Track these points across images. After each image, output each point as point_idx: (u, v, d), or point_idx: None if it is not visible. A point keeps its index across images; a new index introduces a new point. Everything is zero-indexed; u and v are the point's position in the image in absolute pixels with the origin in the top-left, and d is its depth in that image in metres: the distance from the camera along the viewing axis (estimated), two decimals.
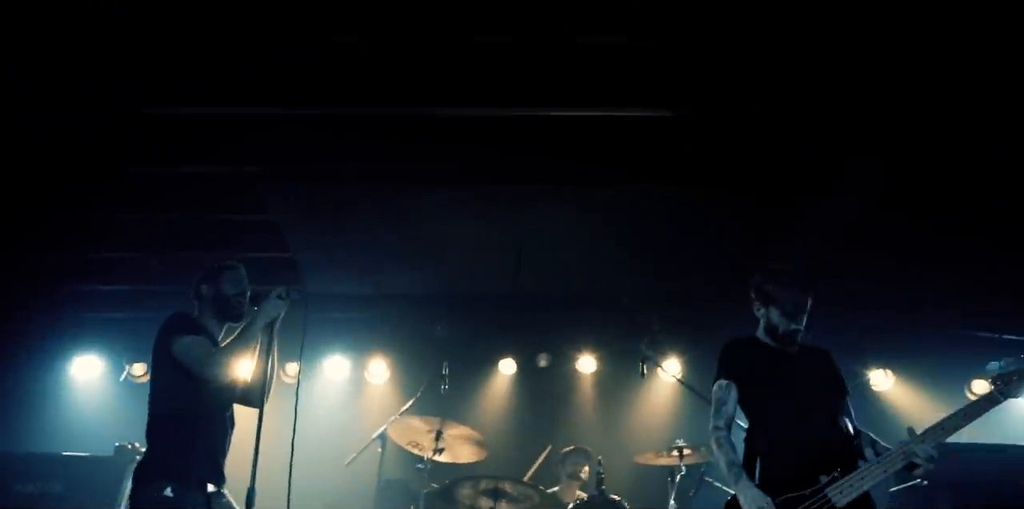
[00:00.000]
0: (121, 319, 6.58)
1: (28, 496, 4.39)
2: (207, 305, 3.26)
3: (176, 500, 2.84)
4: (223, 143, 4.28)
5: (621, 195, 4.89)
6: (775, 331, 3.07)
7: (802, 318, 3.05)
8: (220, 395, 3.13)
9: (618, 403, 6.55)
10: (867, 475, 2.78)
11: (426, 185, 4.73)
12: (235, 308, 3.23)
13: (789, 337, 3.06)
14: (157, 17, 3.46)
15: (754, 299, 3.15)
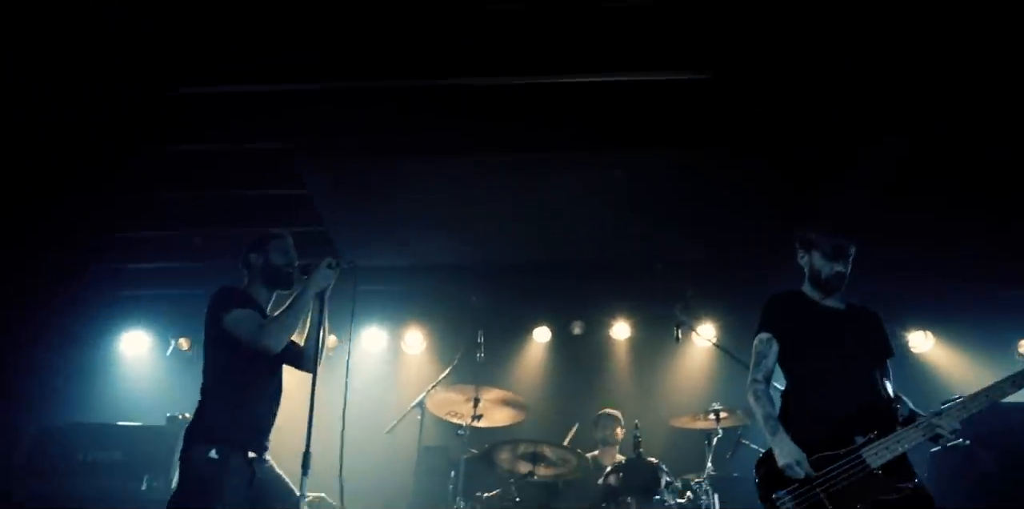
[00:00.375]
0: (165, 296, 6.78)
1: (92, 463, 4.61)
2: (256, 274, 3.34)
3: (220, 462, 2.95)
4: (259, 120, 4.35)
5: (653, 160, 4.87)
6: (818, 277, 3.03)
7: (846, 262, 3.00)
8: (268, 364, 3.23)
9: (653, 368, 6.59)
10: (903, 438, 2.77)
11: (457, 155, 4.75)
12: (284, 276, 3.31)
13: (833, 282, 3.00)
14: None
15: (798, 248, 3.11)
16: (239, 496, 3.00)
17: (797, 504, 2.78)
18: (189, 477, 2.97)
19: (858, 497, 2.72)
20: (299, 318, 3.18)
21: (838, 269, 3.00)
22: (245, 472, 3.02)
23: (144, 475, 4.60)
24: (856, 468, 2.76)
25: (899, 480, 2.73)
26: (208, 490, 2.91)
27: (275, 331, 3.11)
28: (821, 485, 2.77)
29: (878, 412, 2.88)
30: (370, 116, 4.31)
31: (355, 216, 5.59)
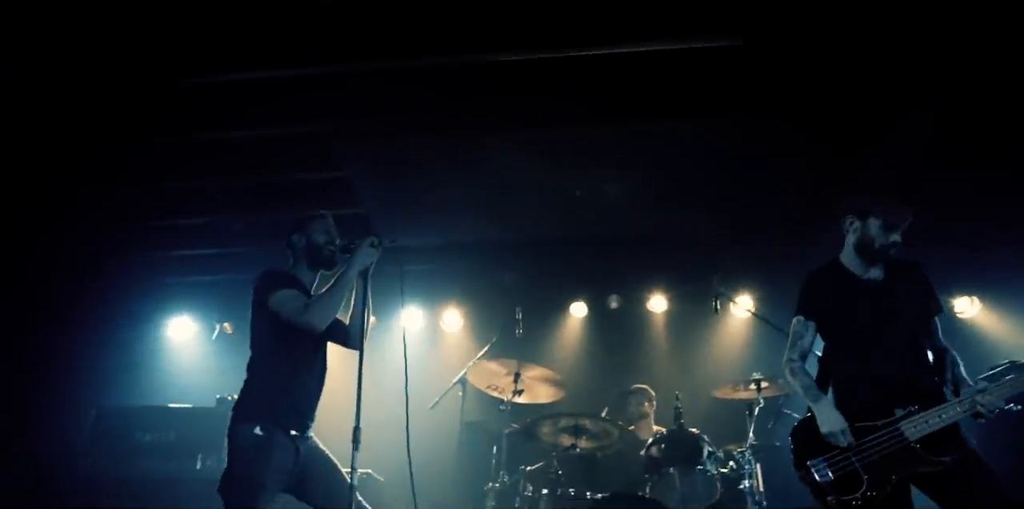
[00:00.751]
0: (209, 282, 6.93)
1: (148, 444, 4.78)
2: (300, 255, 3.41)
3: (265, 438, 3.04)
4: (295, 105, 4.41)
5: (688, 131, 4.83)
6: (869, 246, 2.96)
7: (899, 232, 2.93)
8: (313, 343, 3.31)
9: (692, 341, 6.58)
10: (943, 413, 2.75)
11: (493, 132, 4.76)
12: (327, 256, 3.37)
13: (883, 252, 2.95)
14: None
15: (846, 213, 3.03)
16: (284, 471, 3.10)
17: (833, 472, 2.81)
18: (236, 453, 3.07)
19: (893, 468, 2.74)
20: (343, 296, 3.25)
21: (893, 239, 2.93)
22: (289, 448, 3.11)
23: (198, 454, 4.76)
24: (893, 440, 2.76)
25: (936, 454, 2.72)
26: (254, 465, 3.01)
27: (319, 309, 3.17)
28: (857, 455, 2.79)
29: (920, 385, 2.86)
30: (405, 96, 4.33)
31: (393, 197, 5.64)
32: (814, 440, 2.86)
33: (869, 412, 2.83)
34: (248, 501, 2.98)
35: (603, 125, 4.76)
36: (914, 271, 3.06)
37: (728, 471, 4.62)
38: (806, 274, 3.15)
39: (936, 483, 2.73)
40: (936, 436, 2.73)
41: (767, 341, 6.11)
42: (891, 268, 3.04)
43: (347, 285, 3.24)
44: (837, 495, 2.77)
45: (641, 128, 4.82)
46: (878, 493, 2.72)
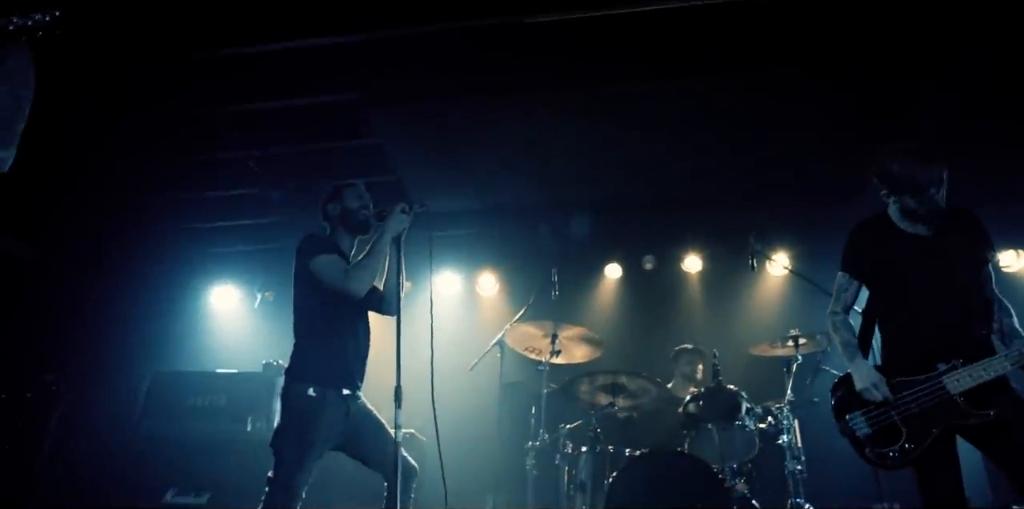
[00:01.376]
0: (249, 252, 7.10)
1: (200, 408, 4.98)
2: (336, 223, 3.51)
3: (318, 400, 3.17)
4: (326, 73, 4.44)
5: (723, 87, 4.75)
6: (913, 214, 2.90)
7: (939, 187, 2.82)
8: (355, 307, 3.41)
9: (728, 299, 6.55)
10: (989, 367, 2.72)
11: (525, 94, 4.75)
12: (361, 221, 3.46)
13: (930, 216, 2.88)
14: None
15: (880, 186, 2.95)
16: (335, 430, 3.23)
17: (871, 425, 2.83)
18: (290, 413, 3.19)
19: (933, 422, 2.73)
20: (380, 262, 3.34)
21: (935, 200, 2.83)
22: (340, 407, 3.24)
23: (248, 417, 4.94)
24: (935, 393, 2.75)
25: (979, 407, 2.70)
26: (307, 424, 3.15)
27: (359, 276, 3.27)
28: (897, 408, 2.79)
29: (967, 338, 2.80)
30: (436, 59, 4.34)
31: (427, 163, 5.69)
32: (854, 395, 2.88)
33: (913, 366, 2.82)
34: (299, 458, 3.12)
35: (636, 84, 4.73)
36: (966, 218, 2.96)
37: (766, 427, 4.65)
38: (853, 227, 3.08)
39: (982, 435, 2.72)
40: (981, 389, 2.71)
41: (804, 298, 6.08)
42: (944, 219, 2.92)
43: (382, 251, 3.32)
44: (874, 448, 2.80)
45: (675, 86, 4.76)
46: (916, 446, 2.73)
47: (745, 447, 4.53)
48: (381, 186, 5.79)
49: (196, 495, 4.62)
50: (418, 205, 3.40)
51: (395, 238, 3.34)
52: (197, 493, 4.62)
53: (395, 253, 3.37)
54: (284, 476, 3.10)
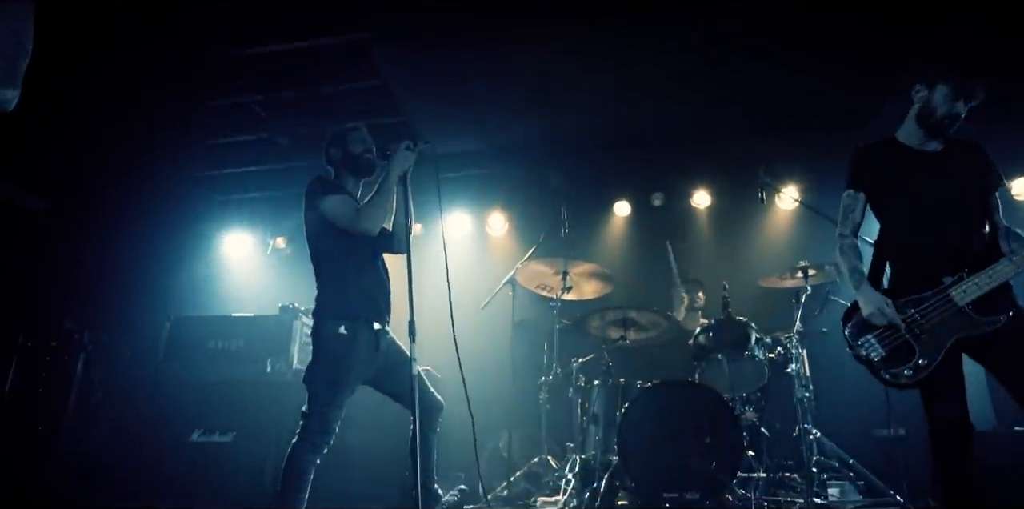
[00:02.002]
0: (260, 198, 7.13)
1: (220, 350, 5.09)
2: (340, 166, 3.53)
3: (350, 337, 3.26)
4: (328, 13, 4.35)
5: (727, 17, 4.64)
6: (931, 115, 2.92)
7: (965, 104, 2.88)
8: (369, 245, 3.45)
9: (737, 233, 6.57)
10: (995, 274, 2.76)
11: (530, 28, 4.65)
12: (366, 163, 3.49)
13: (947, 123, 2.91)
14: None
15: (921, 78, 2.96)
16: (367, 366, 3.33)
17: (884, 346, 2.87)
18: (323, 351, 3.29)
19: (944, 335, 2.78)
20: (389, 200, 3.36)
21: (957, 110, 2.89)
22: (371, 343, 3.32)
23: (267, 358, 5.05)
24: (943, 307, 2.80)
25: (988, 315, 2.75)
26: (340, 361, 3.24)
27: (370, 214, 3.30)
28: (908, 327, 2.84)
29: (971, 252, 2.85)
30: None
31: (433, 102, 5.64)
32: (866, 320, 2.92)
33: (921, 284, 2.86)
34: (332, 395, 3.23)
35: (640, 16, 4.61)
36: (973, 149, 3.01)
37: (775, 356, 4.73)
38: (855, 148, 3.11)
39: (989, 346, 2.77)
40: (988, 297, 2.75)
41: (813, 230, 6.10)
42: (950, 143, 2.99)
43: (390, 190, 3.34)
44: (889, 368, 2.85)
45: (679, 16, 4.65)
46: (931, 361, 2.78)
47: (755, 376, 4.63)
48: (389, 128, 5.79)
49: (221, 434, 4.77)
50: (422, 142, 3.40)
51: (401, 177, 3.36)
52: (222, 432, 4.78)
53: (402, 191, 3.40)
54: (318, 411, 3.21)
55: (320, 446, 3.19)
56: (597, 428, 4.60)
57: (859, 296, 2.95)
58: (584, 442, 4.72)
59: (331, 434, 3.22)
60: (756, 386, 4.68)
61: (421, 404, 3.38)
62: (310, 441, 3.17)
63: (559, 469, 4.71)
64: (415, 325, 3.11)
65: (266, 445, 4.56)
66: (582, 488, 4.29)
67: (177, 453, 4.67)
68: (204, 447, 4.73)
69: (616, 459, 4.19)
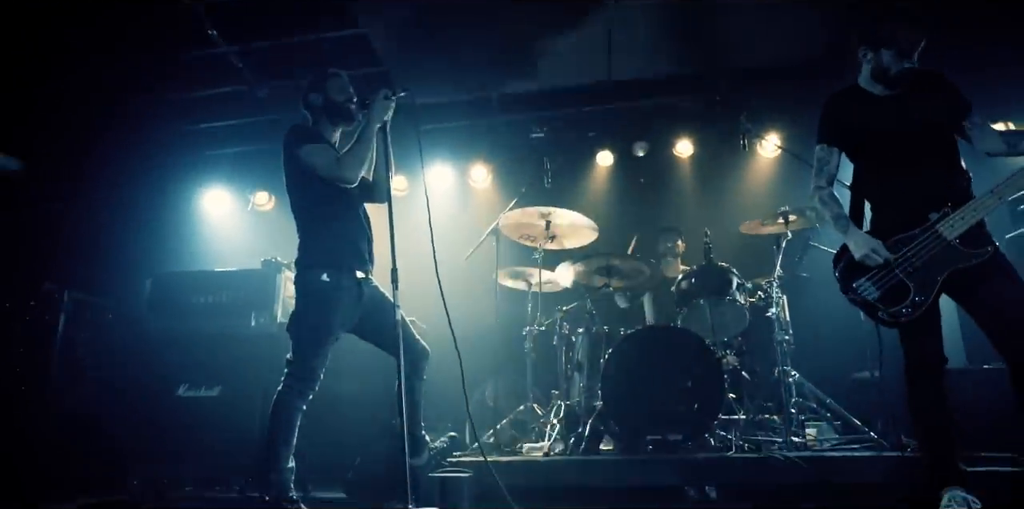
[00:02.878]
0: (239, 153, 7.00)
1: (204, 305, 5.05)
2: (320, 113, 3.47)
3: (333, 284, 3.26)
4: None
5: None
6: (885, 74, 2.96)
7: (915, 55, 2.91)
8: (349, 194, 3.42)
9: (719, 181, 6.59)
10: (979, 206, 2.80)
11: None
12: (346, 111, 3.44)
13: (901, 78, 2.94)
14: None
15: (860, 43, 3.00)
16: (350, 314, 3.34)
17: (878, 288, 2.90)
18: (306, 298, 3.29)
19: (937, 270, 2.82)
20: (369, 150, 3.32)
21: (908, 65, 2.91)
22: (354, 291, 3.33)
23: (251, 312, 5.03)
24: (933, 243, 2.83)
25: (975, 246, 2.79)
26: (323, 309, 3.25)
27: (350, 163, 3.26)
28: (900, 266, 2.87)
29: (951, 186, 2.88)
30: None
31: (412, 51, 5.52)
32: (856, 264, 2.94)
33: (906, 223, 2.89)
34: (316, 343, 3.24)
35: None
36: (936, 80, 3.01)
37: (756, 301, 4.79)
38: (825, 99, 3.13)
39: (964, 282, 2.81)
40: (973, 231, 2.80)
41: (794, 178, 6.09)
42: (913, 81, 2.98)
43: (370, 139, 3.31)
44: (886, 309, 2.88)
45: None
46: (926, 297, 2.82)
47: (736, 321, 4.70)
48: (368, 78, 5.67)
49: (207, 388, 4.79)
50: (400, 91, 3.35)
51: (381, 126, 3.31)
52: (208, 387, 4.79)
53: (382, 141, 3.35)
54: (302, 360, 3.23)
55: (306, 393, 3.21)
56: (581, 375, 4.67)
57: (849, 240, 2.97)
58: (569, 389, 4.79)
59: (316, 381, 3.24)
60: (737, 331, 4.76)
61: (407, 352, 3.40)
62: (295, 388, 3.19)
63: (544, 416, 4.78)
64: (398, 273, 3.12)
65: (252, 398, 4.58)
66: (567, 433, 4.37)
67: (163, 408, 4.68)
68: (190, 401, 4.74)
69: (600, 404, 4.26)
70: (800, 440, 4.13)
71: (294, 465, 3.19)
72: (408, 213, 6.71)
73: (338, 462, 4.15)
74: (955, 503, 2.66)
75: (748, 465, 3.66)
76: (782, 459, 3.57)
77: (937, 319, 2.88)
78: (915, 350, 2.88)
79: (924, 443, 2.92)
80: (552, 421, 4.55)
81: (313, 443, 4.19)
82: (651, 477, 3.68)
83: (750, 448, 4.01)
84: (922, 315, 2.84)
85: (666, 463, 3.72)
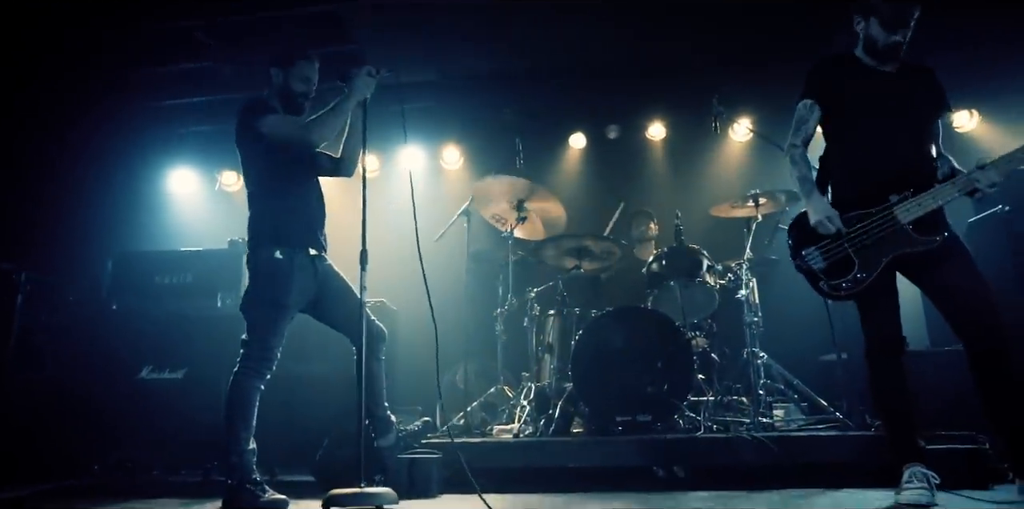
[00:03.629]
0: (203, 132, 6.85)
1: (168, 286, 4.95)
2: (274, 92, 3.39)
3: (286, 261, 3.19)
4: None
5: None
6: (874, 45, 2.96)
7: (906, 31, 2.90)
8: (307, 169, 3.36)
9: (691, 165, 6.60)
10: (937, 194, 2.83)
11: None
12: (297, 105, 3.36)
13: (890, 52, 2.94)
14: None
15: (855, 11, 3.00)
16: (305, 292, 3.27)
17: (825, 258, 2.95)
18: (259, 277, 3.22)
19: (884, 251, 2.86)
20: (339, 119, 3.25)
21: (895, 39, 2.91)
22: (308, 269, 3.27)
23: (217, 293, 4.94)
24: (886, 224, 2.87)
25: (926, 233, 2.83)
26: (277, 287, 3.18)
27: (318, 128, 3.20)
28: (850, 240, 2.90)
29: (917, 172, 2.91)
30: None
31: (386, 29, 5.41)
32: (810, 232, 2.99)
33: (865, 200, 2.92)
34: (271, 321, 3.17)
35: None
36: (926, 74, 3.06)
37: (726, 283, 4.81)
38: (816, 60, 3.12)
39: (923, 267, 2.87)
40: (928, 218, 2.84)
41: (765, 162, 6.15)
42: (904, 66, 3.03)
43: (344, 112, 3.24)
44: (828, 280, 2.94)
45: None
46: (868, 274, 2.88)
47: (706, 303, 4.71)
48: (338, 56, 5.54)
49: (172, 371, 4.70)
50: (385, 70, 3.29)
51: (360, 102, 3.26)
52: (172, 369, 4.70)
53: (359, 117, 3.30)
54: (257, 338, 3.16)
55: (263, 373, 3.16)
56: (552, 357, 4.66)
57: (809, 204, 3.00)
58: (539, 371, 4.78)
59: (273, 361, 3.19)
60: (707, 312, 4.77)
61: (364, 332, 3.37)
62: (252, 368, 3.13)
63: (514, 398, 4.77)
64: (367, 254, 3.06)
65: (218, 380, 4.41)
66: (537, 416, 4.36)
67: (126, 392, 4.59)
68: (154, 384, 4.65)
69: (570, 386, 4.26)
70: (768, 421, 4.17)
71: (255, 447, 3.14)
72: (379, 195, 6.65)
73: (305, 445, 4.10)
74: (916, 479, 2.72)
75: (716, 445, 3.68)
76: (750, 439, 3.60)
77: (894, 299, 2.93)
78: (874, 330, 2.92)
79: (885, 422, 2.97)
80: (522, 403, 4.54)
81: (279, 426, 4.15)
82: (620, 458, 3.69)
83: (718, 429, 4.04)
84: (875, 294, 2.88)
85: (635, 444, 3.73)
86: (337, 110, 3.21)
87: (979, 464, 3.25)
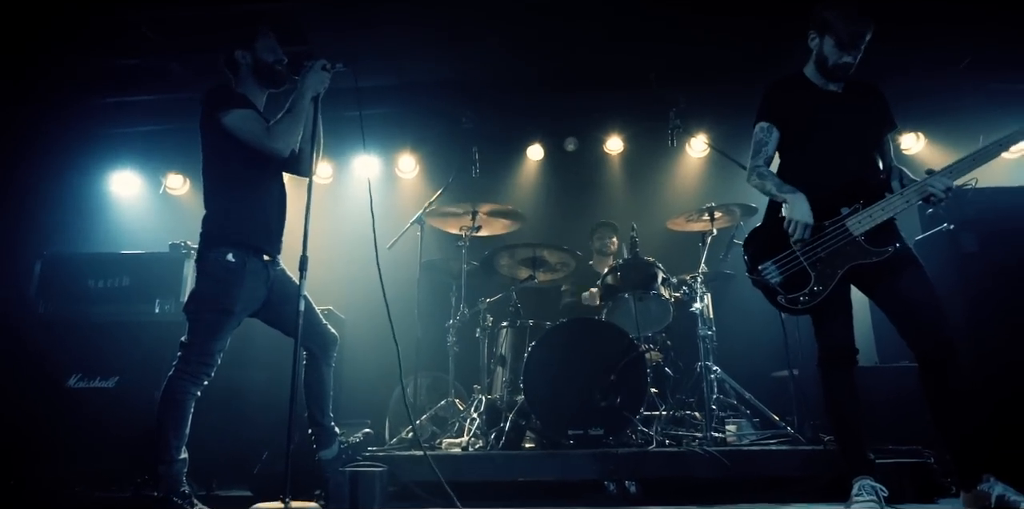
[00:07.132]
0: (149, 132, 6.59)
1: (102, 289, 4.69)
2: (246, 73, 3.24)
3: (238, 264, 3.04)
4: None
5: None
6: (824, 63, 3.02)
7: (856, 53, 2.97)
8: (270, 167, 3.21)
9: (648, 179, 6.64)
10: (888, 206, 2.89)
11: None
12: (276, 74, 3.24)
13: (839, 71, 3.00)
14: None
15: (811, 28, 3.06)
16: (255, 297, 3.12)
17: (781, 272, 2.96)
18: (208, 278, 3.05)
19: (838, 263, 2.90)
20: (301, 121, 3.13)
21: (846, 59, 2.97)
22: (261, 274, 3.12)
23: (156, 298, 4.71)
24: (839, 236, 2.91)
25: (879, 245, 2.87)
26: (226, 290, 3.03)
27: (282, 134, 3.06)
28: (805, 254, 2.94)
29: (867, 185, 2.97)
30: None
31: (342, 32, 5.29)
32: (765, 247, 3.03)
33: (818, 213, 2.94)
34: (216, 325, 3.01)
35: None
36: (873, 92, 3.14)
37: (681, 296, 4.80)
38: (768, 83, 3.18)
39: (875, 276, 2.90)
40: (879, 229, 2.89)
41: (722, 175, 6.21)
42: (850, 85, 3.11)
43: (303, 110, 3.13)
44: (785, 294, 2.95)
45: None
46: (824, 287, 2.90)
47: (660, 316, 4.68)
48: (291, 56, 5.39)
49: (103, 379, 4.45)
50: (340, 64, 3.19)
51: (314, 97, 3.14)
52: (104, 377, 4.45)
53: (313, 113, 3.19)
54: (199, 342, 2.99)
55: (200, 378, 2.98)
56: (504, 369, 4.56)
57: (791, 203, 2.95)
58: (491, 383, 4.68)
59: (212, 367, 3.02)
60: (661, 326, 4.74)
61: (315, 339, 3.26)
62: (189, 372, 2.96)
63: (465, 411, 4.65)
64: (307, 261, 2.93)
65: (153, 390, 4.24)
66: (488, 428, 4.25)
67: (52, 401, 4.31)
68: (83, 393, 4.39)
69: (522, 398, 4.16)
70: (720, 435, 4.13)
71: (187, 457, 2.95)
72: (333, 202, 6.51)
73: (244, 457, 3.91)
74: (864, 491, 2.74)
75: (669, 459, 3.63)
76: (703, 453, 3.55)
77: (847, 310, 2.95)
78: (827, 340, 2.94)
79: (837, 431, 3.00)
80: (473, 416, 4.43)
81: (217, 436, 3.95)
82: (571, 472, 3.62)
83: (671, 443, 3.99)
84: (829, 305, 2.90)
85: (587, 458, 3.65)
86: (295, 111, 3.08)
87: (924, 478, 3.30)
